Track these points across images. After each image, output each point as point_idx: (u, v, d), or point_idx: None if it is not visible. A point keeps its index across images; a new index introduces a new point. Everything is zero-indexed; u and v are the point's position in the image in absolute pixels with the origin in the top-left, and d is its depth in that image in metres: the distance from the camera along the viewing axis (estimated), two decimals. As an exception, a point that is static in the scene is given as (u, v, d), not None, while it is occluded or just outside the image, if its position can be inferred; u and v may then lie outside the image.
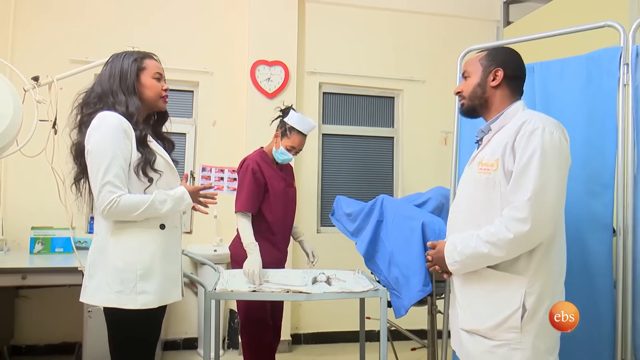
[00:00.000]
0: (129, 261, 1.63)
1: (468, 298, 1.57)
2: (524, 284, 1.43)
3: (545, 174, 1.37)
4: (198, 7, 3.80)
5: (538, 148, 1.38)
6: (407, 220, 2.23)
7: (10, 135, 1.92)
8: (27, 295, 3.34)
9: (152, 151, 1.70)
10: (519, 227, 1.38)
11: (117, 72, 1.72)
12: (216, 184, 3.78)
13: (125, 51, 1.80)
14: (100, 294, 1.63)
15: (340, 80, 4.06)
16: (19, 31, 3.46)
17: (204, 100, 3.80)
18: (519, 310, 1.42)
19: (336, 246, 3.61)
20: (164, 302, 1.70)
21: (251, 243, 2.42)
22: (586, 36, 2.07)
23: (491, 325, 1.46)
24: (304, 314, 3.87)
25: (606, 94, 1.88)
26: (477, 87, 1.59)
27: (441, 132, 4.11)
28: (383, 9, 4.13)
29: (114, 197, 1.57)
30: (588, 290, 1.85)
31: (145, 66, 1.77)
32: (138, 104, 1.71)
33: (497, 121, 1.56)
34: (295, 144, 2.59)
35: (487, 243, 1.44)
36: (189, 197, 1.76)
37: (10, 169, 3.35)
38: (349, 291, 2.14)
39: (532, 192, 1.36)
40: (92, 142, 1.61)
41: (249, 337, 2.55)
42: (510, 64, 1.58)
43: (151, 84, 1.77)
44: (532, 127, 1.42)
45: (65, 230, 3.05)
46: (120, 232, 1.65)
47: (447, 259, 1.56)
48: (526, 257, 1.44)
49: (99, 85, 1.73)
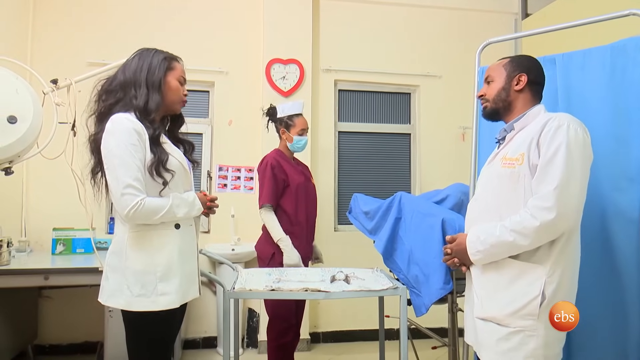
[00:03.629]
0: (147, 263, 1.64)
1: (486, 287, 1.60)
2: (544, 273, 1.48)
3: (570, 166, 1.43)
4: (213, 8, 3.81)
5: (564, 142, 1.45)
6: (426, 217, 2.20)
7: (30, 138, 1.94)
8: (50, 295, 3.40)
9: (164, 151, 1.70)
10: (545, 215, 1.42)
11: (145, 65, 1.73)
12: (233, 183, 3.79)
13: (154, 48, 1.81)
14: (121, 298, 1.63)
15: (355, 77, 4.03)
16: (38, 35, 3.51)
17: (219, 100, 3.82)
18: (538, 297, 1.46)
19: (354, 244, 3.60)
20: (184, 300, 1.72)
21: (282, 238, 2.56)
22: (608, 26, 2.01)
23: (509, 311, 1.50)
24: (323, 312, 3.86)
25: (632, 84, 1.82)
26: (502, 90, 1.67)
27: (459, 127, 4.05)
28: (398, 4, 4.08)
29: (137, 199, 1.58)
30: (615, 287, 1.80)
31: (173, 67, 1.79)
32: (159, 101, 1.72)
33: (519, 121, 1.64)
34: (303, 125, 2.75)
35: (513, 231, 1.48)
36: (199, 203, 1.80)
37: (32, 171, 3.41)
38: (368, 289, 2.12)
39: (558, 182, 1.42)
40: (109, 147, 1.62)
41: (275, 334, 2.60)
42: (533, 70, 1.66)
43: (175, 86, 1.78)
44: (557, 123, 1.49)
45: (86, 231, 3.09)
46: (137, 234, 1.66)
47: (470, 249, 1.60)
48: (547, 246, 1.49)
49: (123, 74, 1.74)
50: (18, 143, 1.88)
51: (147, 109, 1.68)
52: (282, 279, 2.29)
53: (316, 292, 2.05)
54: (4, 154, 1.87)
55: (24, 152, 1.96)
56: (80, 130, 2.13)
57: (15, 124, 1.87)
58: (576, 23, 2.03)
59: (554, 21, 2.18)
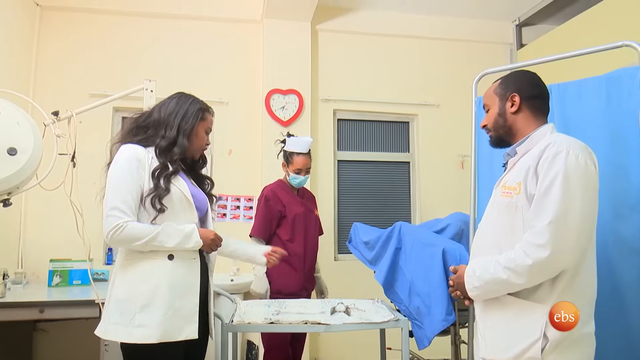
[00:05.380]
0: (130, 292, 1.61)
1: (488, 326, 1.50)
2: (545, 313, 1.34)
3: (568, 198, 1.31)
4: (212, 39, 3.88)
5: (561, 171, 1.33)
6: (426, 247, 2.19)
7: (30, 169, 1.94)
8: (45, 328, 3.33)
9: (168, 186, 1.68)
10: (538, 253, 1.31)
11: (181, 111, 1.78)
12: (232, 213, 3.78)
13: (193, 95, 1.86)
14: (102, 325, 1.64)
15: (354, 107, 4.07)
16: (41, 68, 3.56)
17: (219, 130, 3.83)
18: (539, 341, 1.33)
19: (354, 274, 3.55)
20: (168, 338, 1.59)
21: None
22: (602, 57, 2.05)
23: (511, 355, 1.38)
24: (323, 343, 3.78)
25: (628, 113, 1.83)
26: (498, 117, 1.58)
27: (458, 155, 4.07)
28: (395, 36, 4.17)
29: (120, 222, 1.58)
30: (620, 320, 1.76)
31: (205, 118, 1.84)
32: (186, 147, 1.77)
33: (523, 144, 1.52)
34: (300, 165, 2.70)
35: (506, 269, 1.38)
36: (198, 236, 1.70)
37: (30, 202, 3.40)
38: (369, 322, 2.08)
39: (553, 216, 1.31)
40: (109, 174, 1.67)
41: None
42: (525, 86, 1.55)
43: (202, 137, 1.84)
44: (555, 150, 1.37)
45: (83, 262, 3.05)
46: (127, 262, 1.65)
47: (467, 284, 1.50)
48: (549, 284, 1.37)
49: (159, 113, 1.78)
50: (17, 175, 1.88)
51: (171, 150, 1.73)
52: (281, 310, 2.25)
53: (316, 324, 2.02)
54: (3, 185, 1.86)
55: (23, 183, 1.96)
56: (80, 159, 2.14)
57: (15, 155, 1.87)
58: (571, 54, 2.07)
59: (549, 51, 2.23)
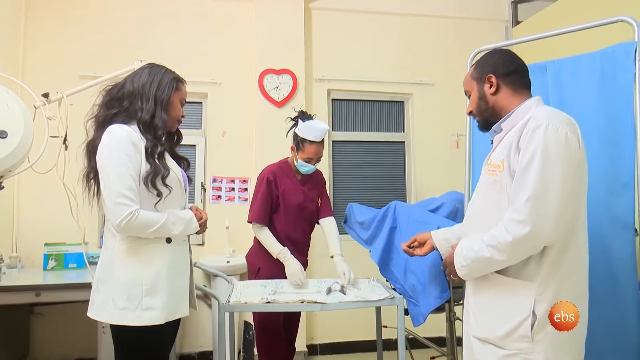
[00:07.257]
0: (134, 276, 1.62)
1: (479, 304, 1.51)
2: (533, 291, 1.35)
3: (547, 173, 1.30)
4: (204, 19, 3.82)
5: (540, 146, 1.31)
6: (421, 225, 2.19)
7: (21, 152, 1.92)
8: (42, 312, 3.34)
9: (165, 165, 1.69)
10: (518, 229, 1.31)
11: (155, 81, 1.73)
12: (227, 195, 3.77)
13: (164, 66, 1.82)
14: (106, 311, 1.62)
15: (349, 86, 4.04)
16: (30, 49, 3.49)
17: (213, 111, 3.81)
18: (528, 318, 1.34)
19: (350, 254, 3.55)
20: (171, 317, 1.67)
21: (281, 251, 2.41)
22: (598, 33, 2.03)
23: (501, 334, 1.39)
24: (319, 324, 3.82)
25: (622, 90, 1.83)
26: (480, 101, 1.56)
27: (453, 134, 4.06)
28: (390, 14, 4.11)
29: (131, 210, 1.56)
30: (612, 294, 1.78)
31: (179, 88, 1.81)
32: (165, 119, 1.73)
33: (507, 120, 1.49)
34: (311, 154, 2.47)
35: (489, 246, 1.38)
36: (196, 222, 1.78)
37: (23, 186, 3.38)
38: (365, 300, 2.10)
39: (532, 192, 1.30)
40: (103, 158, 1.61)
41: (264, 348, 2.53)
42: (499, 65, 1.52)
43: (177, 107, 1.80)
44: (535, 124, 1.35)
45: (78, 246, 3.05)
46: (127, 246, 1.64)
47: (456, 263, 1.51)
48: (536, 261, 1.37)
49: (132, 84, 1.73)
50: (9, 158, 1.86)
51: (153, 124, 1.69)
52: (277, 290, 2.27)
53: (312, 303, 2.03)
54: (-5, 168, 1.85)
55: (15, 166, 1.94)
56: (72, 142, 2.11)
57: (5, 138, 1.85)
58: (566, 30, 2.05)
59: (544, 28, 2.20)
